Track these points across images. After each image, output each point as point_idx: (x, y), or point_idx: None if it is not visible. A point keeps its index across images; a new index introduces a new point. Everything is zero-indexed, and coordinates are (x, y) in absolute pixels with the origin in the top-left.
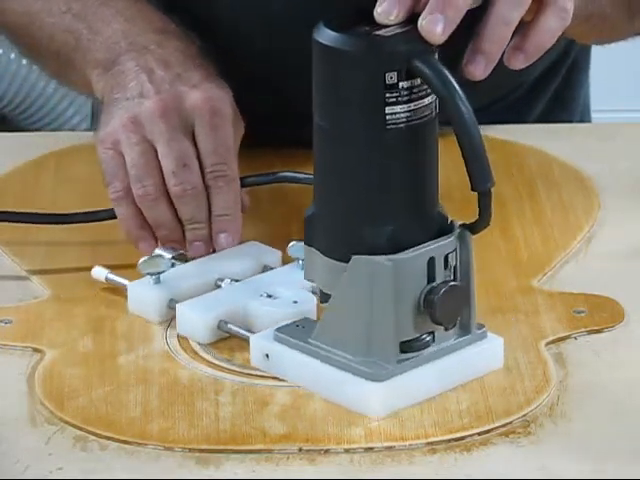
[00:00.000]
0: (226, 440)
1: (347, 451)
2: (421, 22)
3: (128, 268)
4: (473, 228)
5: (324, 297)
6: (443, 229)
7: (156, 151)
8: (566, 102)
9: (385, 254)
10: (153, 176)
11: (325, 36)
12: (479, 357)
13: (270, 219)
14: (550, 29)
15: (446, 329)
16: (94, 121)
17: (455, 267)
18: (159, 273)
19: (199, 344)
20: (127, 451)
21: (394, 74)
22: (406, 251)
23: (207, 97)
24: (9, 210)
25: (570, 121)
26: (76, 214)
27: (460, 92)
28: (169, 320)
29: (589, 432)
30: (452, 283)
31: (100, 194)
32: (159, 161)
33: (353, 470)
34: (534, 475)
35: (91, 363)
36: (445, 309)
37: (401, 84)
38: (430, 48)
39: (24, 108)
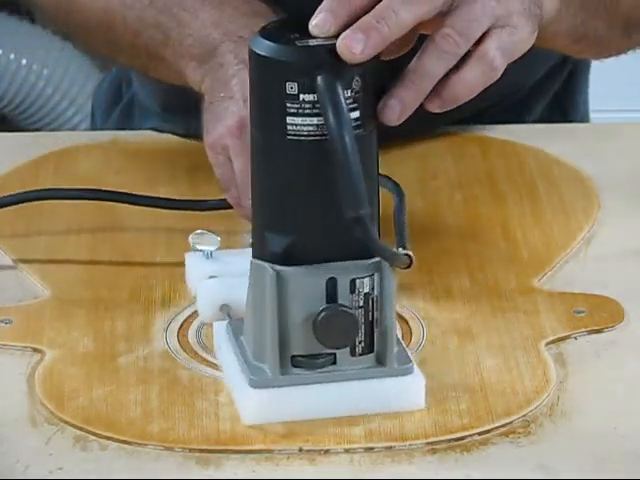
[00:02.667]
0: (226, 440)
1: (347, 451)
2: (340, 39)
3: (135, 265)
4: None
5: None
6: (366, 253)
7: None
8: (565, 107)
9: (282, 264)
10: None
11: (252, 41)
12: (389, 392)
13: None
14: (470, 83)
15: (354, 354)
16: (94, 121)
17: (369, 295)
18: (207, 250)
19: (199, 344)
20: (127, 451)
21: (294, 85)
22: (301, 266)
23: None
24: (131, 192)
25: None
26: (185, 201)
27: (347, 116)
28: (170, 320)
29: (589, 432)
30: (341, 308)
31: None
32: None
33: (353, 470)
34: (534, 475)
35: (91, 363)
36: (328, 332)
37: (302, 96)
38: (347, 67)
39: (24, 108)
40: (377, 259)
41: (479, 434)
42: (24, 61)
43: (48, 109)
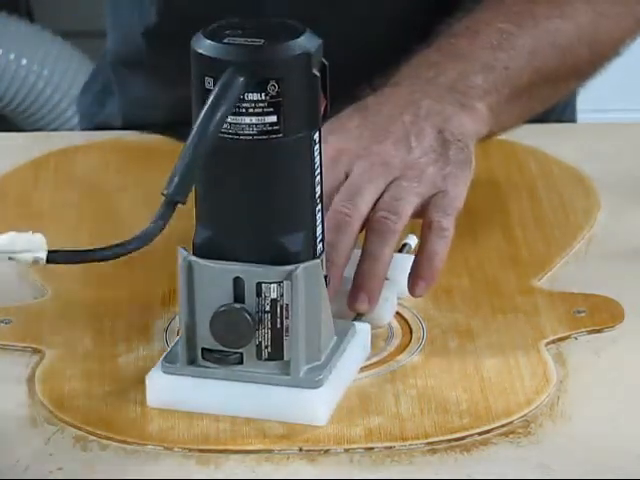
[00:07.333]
0: (226, 440)
1: (347, 451)
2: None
3: (134, 265)
4: None
5: None
6: (284, 260)
7: None
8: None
9: (199, 255)
10: None
11: (195, 35)
12: (289, 402)
13: None
14: (438, 253)
15: (260, 357)
16: (82, 122)
17: (277, 301)
18: None
19: None
20: (127, 451)
21: (211, 80)
22: (211, 260)
23: None
24: None
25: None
26: None
27: (221, 110)
28: (170, 320)
29: (589, 432)
30: (236, 309)
31: (100, 194)
32: None
33: (353, 470)
34: (534, 475)
35: (91, 363)
36: (220, 329)
37: None
38: (260, 70)
39: (24, 108)
40: (288, 267)
41: (479, 434)
42: (24, 61)
43: (48, 109)
